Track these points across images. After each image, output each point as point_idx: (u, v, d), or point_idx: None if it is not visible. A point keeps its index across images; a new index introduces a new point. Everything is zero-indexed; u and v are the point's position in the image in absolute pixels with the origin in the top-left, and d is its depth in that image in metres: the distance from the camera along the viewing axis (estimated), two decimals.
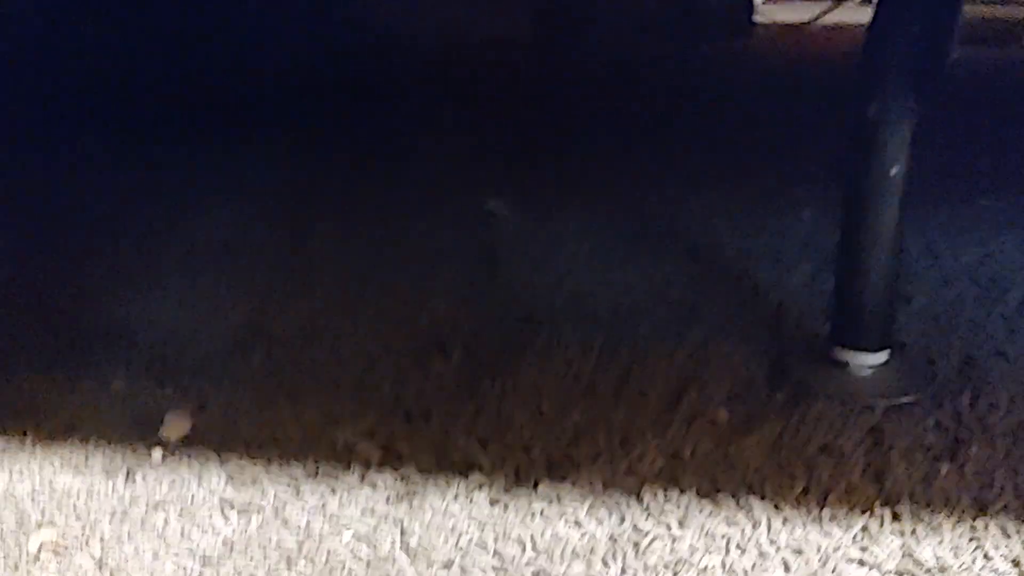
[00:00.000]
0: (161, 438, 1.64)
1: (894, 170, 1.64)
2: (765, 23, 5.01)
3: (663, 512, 1.43)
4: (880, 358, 1.77)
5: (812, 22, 4.87)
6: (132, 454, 1.60)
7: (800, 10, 5.17)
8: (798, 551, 1.35)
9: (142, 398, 1.79)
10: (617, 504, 1.45)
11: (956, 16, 1.93)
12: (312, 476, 1.54)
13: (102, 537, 1.42)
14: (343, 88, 4.17)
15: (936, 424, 1.62)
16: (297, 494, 1.50)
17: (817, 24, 4.86)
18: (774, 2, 5.47)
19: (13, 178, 3.18)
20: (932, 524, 1.38)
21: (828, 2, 4.86)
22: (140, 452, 1.61)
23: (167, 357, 1.93)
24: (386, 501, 1.48)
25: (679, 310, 2.09)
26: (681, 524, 1.41)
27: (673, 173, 3.11)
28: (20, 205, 2.94)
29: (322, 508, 1.47)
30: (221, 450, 1.60)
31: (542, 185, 3.01)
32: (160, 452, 1.60)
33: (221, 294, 2.23)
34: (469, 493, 1.49)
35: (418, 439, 1.63)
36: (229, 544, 1.40)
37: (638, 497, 1.46)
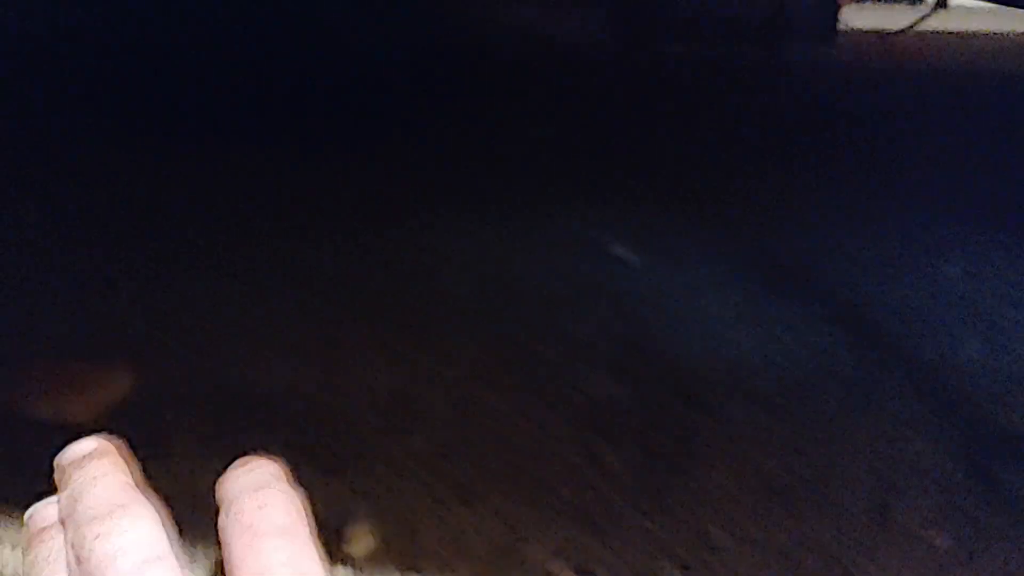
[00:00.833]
0: (347, 554, 1.55)
1: None
2: (846, 30, 4.75)
3: None
4: None
5: (909, 29, 4.59)
6: None
7: (889, 15, 4.88)
8: None
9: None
10: None
11: None
12: None
13: None
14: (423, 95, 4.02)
15: None
16: None
17: (912, 31, 4.59)
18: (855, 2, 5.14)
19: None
20: None
21: (922, 6, 4.59)
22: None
23: (320, 437, 1.84)
24: None
25: (849, 387, 1.98)
26: None
27: (789, 201, 2.96)
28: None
29: None
30: (408, 570, 1.52)
31: (650, 214, 2.87)
32: (348, 573, 1.52)
33: (367, 357, 2.12)
34: None
35: (611, 559, 1.54)
36: None
37: None
